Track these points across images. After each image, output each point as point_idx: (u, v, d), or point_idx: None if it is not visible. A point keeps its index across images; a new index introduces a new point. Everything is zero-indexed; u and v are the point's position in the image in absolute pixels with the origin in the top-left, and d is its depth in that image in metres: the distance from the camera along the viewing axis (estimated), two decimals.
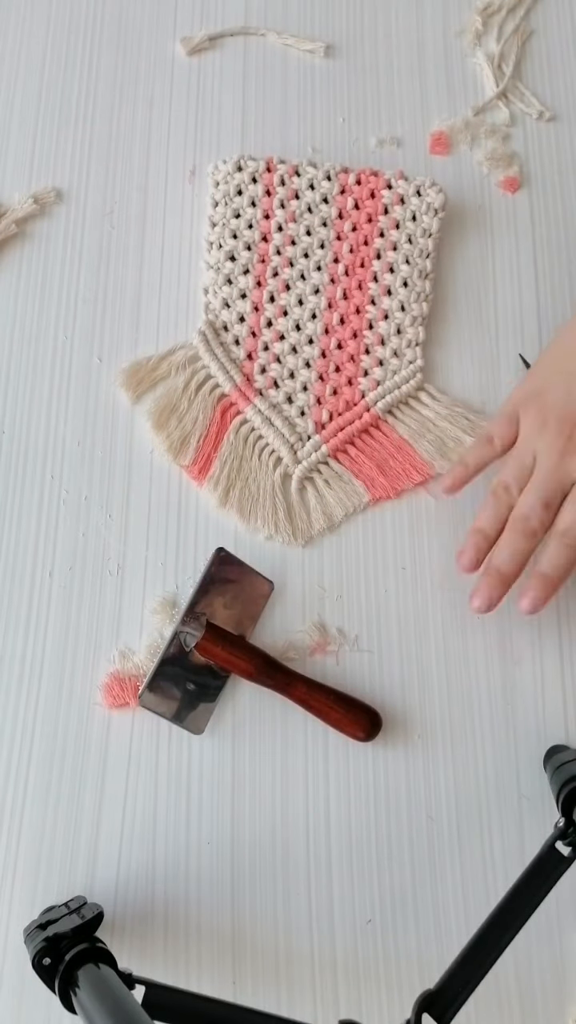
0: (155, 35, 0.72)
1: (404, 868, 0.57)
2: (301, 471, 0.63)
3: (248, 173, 0.66)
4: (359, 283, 0.66)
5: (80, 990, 0.45)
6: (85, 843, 0.56)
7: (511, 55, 0.74)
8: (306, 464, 0.63)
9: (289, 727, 0.58)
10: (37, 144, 0.69)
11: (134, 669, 0.58)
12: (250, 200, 0.66)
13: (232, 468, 0.62)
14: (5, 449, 0.62)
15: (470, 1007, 0.47)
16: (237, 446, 0.63)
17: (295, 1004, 0.54)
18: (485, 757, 0.59)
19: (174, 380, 0.64)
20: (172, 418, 0.63)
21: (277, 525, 0.61)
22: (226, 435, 0.63)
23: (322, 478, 0.63)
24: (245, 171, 0.66)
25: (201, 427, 0.63)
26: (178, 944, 0.55)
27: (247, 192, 0.66)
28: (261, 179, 0.66)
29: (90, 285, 0.66)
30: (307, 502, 0.62)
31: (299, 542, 0.62)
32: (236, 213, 0.66)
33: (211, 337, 0.64)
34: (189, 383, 0.63)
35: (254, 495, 0.62)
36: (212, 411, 0.63)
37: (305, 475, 0.63)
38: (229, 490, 0.62)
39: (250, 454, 0.63)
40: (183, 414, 0.63)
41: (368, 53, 0.73)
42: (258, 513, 0.61)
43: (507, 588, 0.57)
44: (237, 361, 0.64)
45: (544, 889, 0.49)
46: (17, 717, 0.57)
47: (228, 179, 0.66)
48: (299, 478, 0.63)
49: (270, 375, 0.64)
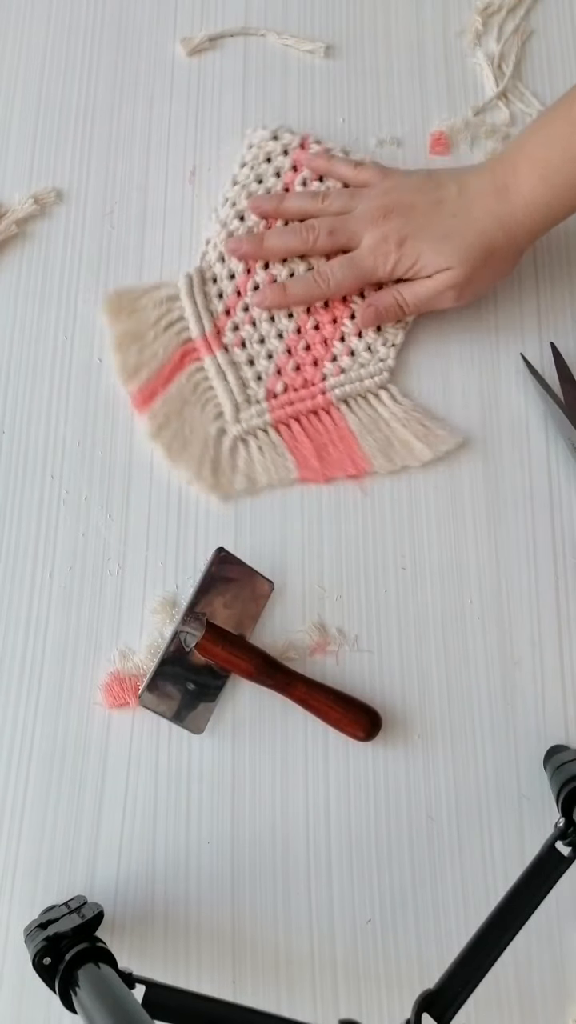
0: (155, 35, 0.72)
1: (404, 868, 0.57)
2: (238, 430, 0.63)
3: (281, 144, 0.68)
4: None
5: (80, 989, 0.45)
6: (85, 843, 0.56)
7: (511, 55, 0.74)
8: (245, 425, 0.63)
9: (289, 727, 0.58)
10: (37, 144, 0.69)
11: (134, 669, 0.58)
12: (275, 171, 0.67)
13: (173, 408, 0.63)
14: (5, 449, 0.62)
15: (470, 1007, 0.47)
16: (185, 389, 0.63)
17: (295, 1004, 0.55)
18: (485, 757, 0.59)
19: (149, 312, 0.65)
20: (134, 345, 0.64)
21: (200, 474, 0.62)
22: (178, 376, 0.63)
23: (257, 443, 0.63)
24: (279, 141, 0.68)
25: (158, 361, 0.63)
26: (178, 944, 0.55)
27: (275, 162, 0.68)
28: (292, 153, 0.68)
29: (90, 285, 0.66)
30: (235, 461, 0.63)
31: (215, 495, 0.62)
32: (259, 179, 0.67)
33: (196, 283, 0.65)
34: (161, 319, 0.65)
35: (186, 439, 0.62)
36: (173, 351, 0.64)
37: (241, 435, 0.63)
38: (163, 427, 0.62)
39: (195, 400, 0.63)
40: (145, 345, 0.64)
41: (368, 53, 0.73)
42: (184, 457, 0.62)
43: (253, 257, 0.65)
44: (214, 313, 0.65)
45: (544, 889, 0.49)
46: (17, 717, 0.57)
47: (261, 144, 0.68)
48: (234, 436, 0.63)
49: (240, 334, 0.65)
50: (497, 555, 0.63)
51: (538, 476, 0.64)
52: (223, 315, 0.65)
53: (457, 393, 0.66)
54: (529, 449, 0.65)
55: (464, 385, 0.66)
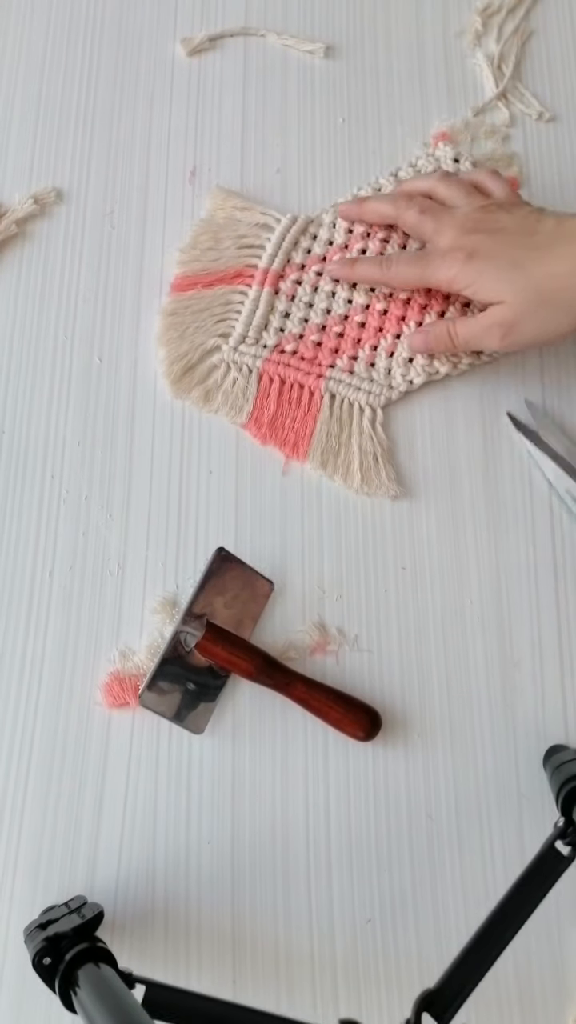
0: (155, 35, 0.72)
1: (404, 868, 0.57)
2: (229, 356, 0.64)
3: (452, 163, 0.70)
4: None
5: (80, 990, 0.45)
6: (85, 843, 0.56)
7: (511, 56, 0.74)
8: (237, 356, 0.64)
9: (289, 727, 0.58)
10: (37, 144, 0.69)
11: (134, 669, 0.58)
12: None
13: (195, 306, 0.65)
14: (5, 449, 0.62)
15: (470, 1007, 0.47)
16: (217, 300, 0.65)
17: (295, 1004, 0.55)
18: (485, 757, 0.59)
19: (238, 225, 0.67)
20: (208, 242, 0.67)
21: (173, 365, 0.64)
22: (220, 286, 0.66)
23: (234, 376, 0.64)
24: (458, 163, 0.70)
25: (215, 266, 0.66)
26: (178, 944, 0.55)
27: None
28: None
29: (90, 285, 0.66)
30: (208, 375, 0.64)
31: (172, 386, 0.63)
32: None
33: (297, 227, 0.67)
34: (243, 237, 0.67)
35: (183, 334, 0.64)
36: (233, 266, 0.66)
37: (228, 361, 0.64)
38: (175, 314, 0.65)
39: (217, 312, 0.65)
40: (216, 247, 0.67)
41: (368, 54, 0.73)
42: (170, 345, 0.64)
43: (353, 216, 0.66)
44: (291, 260, 0.67)
45: (544, 889, 0.49)
46: (17, 717, 0.57)
47: (439, 156, 0.70)
48: (222, 358, 0.64)
49: (296, 289, 0.66)
50: (497, 555, 0.63)
51: (538, 476, 0.64)
52: (297, 266, 0.66)
53: (455, 389, 0.66)
54: (529, 449, 0.65)
55: (464, 384, 0.66)
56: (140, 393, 0.64)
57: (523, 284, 0.57)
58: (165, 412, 0.64)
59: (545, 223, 0.59)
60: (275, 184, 0.69)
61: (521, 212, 0.60)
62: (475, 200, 0.62)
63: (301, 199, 0.69)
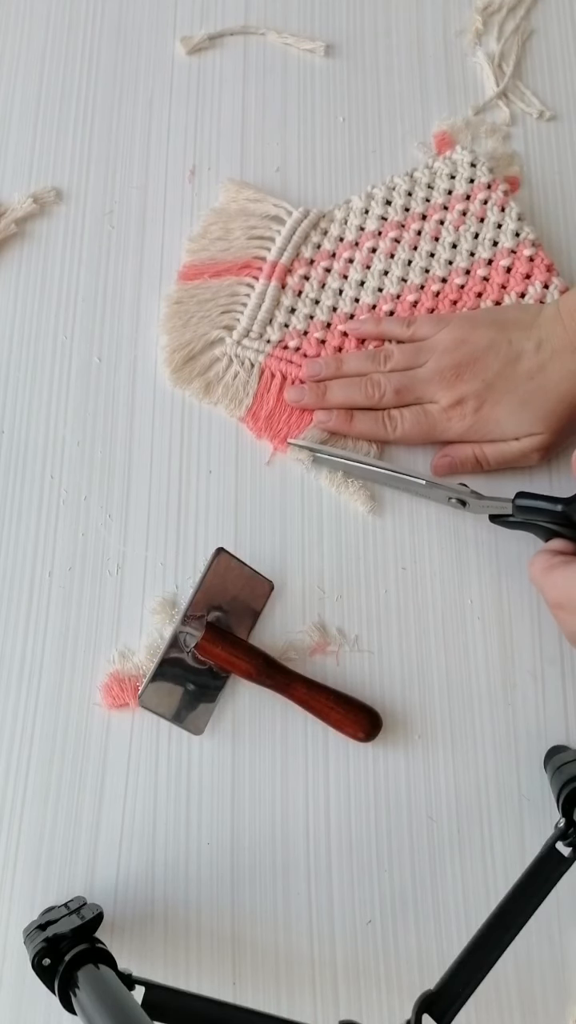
0: (155, 35, 0.72)
1: (404, 868, 0.57)
2: (232, 350, 0.64)
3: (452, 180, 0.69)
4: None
5: (80, 991, 0.45)
6: (85, 843, 0.56)
7: (511, 54, 0.74)
8: (240, 349, 0.65)
9: (289, 727, 0.58)
10: (37, 144, 0.69)
11: (134, 669, 0.58)
12: (425, 196, 0.68)
13: (201, 296, 0.65)
14: (5, 449, 0.62)
15: (470, 1007, 0.47)
16: (223, 290, 0.65)
17: (295, 1004, 0.54)
18: (485, 757, 0.59)
19: (250, 218, 0.67)
20: (219, 231, 0.67)
21: (175, 353, 0.64)
22: (227, 277, 0.66)
23: (236, 370, 0.64)
24: (477, 169, 0.69)
25: (224, 255, 0.66)
26: (178, 944, 0.55)
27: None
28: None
29: (89, 284, 0.66)
30: (210, 367, 0.64)
31: (171, 375, 0.63)
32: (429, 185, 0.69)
33: (308, 222, 0.67)
34: (254, 228, 0.67)
35: (187, 322, 0.64)
36: (242, 257, 0.66)
37: (231, 355, 0.64)
38: (181, 303, 0.65)
39: (223, 303, 0.65)
40: (226, 236, 0.67)
41: (368, 53, 0.73)
42: (174, 333, 0.64)
43: (314, 408, 0.63)
44: (300, 254, 0.67)
45: (544, 889, 0.49)
46: (17, 717, 0.57)
47: (456, 162, 0.69)
48: (225, 351, 0.64)
49: (304, 285, 0.66)
50: (497, 555, 0.62)
51: (538, 473, 0.64)
52: (306, 261, 0.66)
53: None
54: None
55: None
56: (139, 393, 0.64)
57: (547, 416, 0.60)
58: (165, 412, 0.64)
59: (519, 345, 0.60)
60: (275, 183, 0.69)
61: (479, 337, 0.60)
62: (426, 349, 0.62)
63: (301, 198, 0.69)
